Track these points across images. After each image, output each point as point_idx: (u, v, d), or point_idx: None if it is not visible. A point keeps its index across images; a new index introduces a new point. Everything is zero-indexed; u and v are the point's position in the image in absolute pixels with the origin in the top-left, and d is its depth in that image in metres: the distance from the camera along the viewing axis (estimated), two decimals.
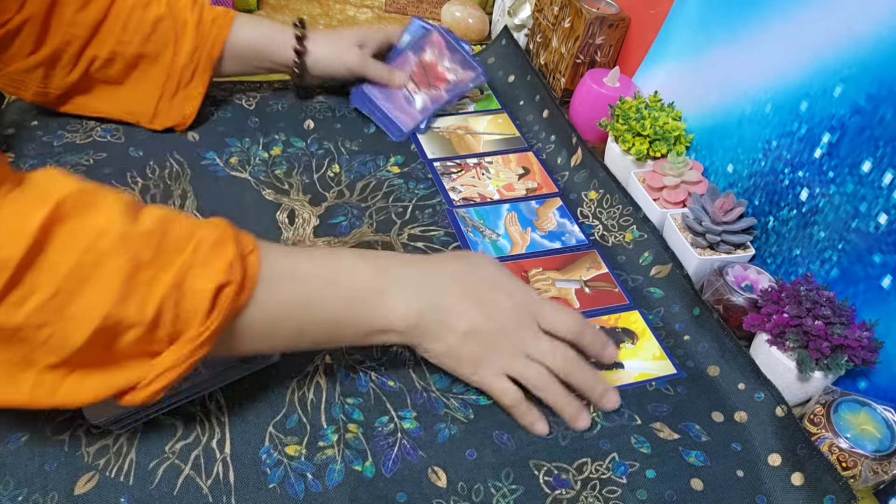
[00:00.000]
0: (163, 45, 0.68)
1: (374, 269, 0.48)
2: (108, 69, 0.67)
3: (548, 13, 0.88)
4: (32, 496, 0.45)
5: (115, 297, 0.38)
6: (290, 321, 0.45)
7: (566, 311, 0.52)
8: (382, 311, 0.47)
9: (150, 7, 0.67)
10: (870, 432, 0.50)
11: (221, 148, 0.74)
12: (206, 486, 0.47)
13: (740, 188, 0.68)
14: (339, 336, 0.48)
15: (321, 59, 0.76)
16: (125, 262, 0.38)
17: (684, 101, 0.75)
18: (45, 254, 0.36)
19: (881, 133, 0.52)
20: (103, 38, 0.65)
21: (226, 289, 0.41)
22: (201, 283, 0.40)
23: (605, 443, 0.52)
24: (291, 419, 0.51)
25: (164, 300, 0.39)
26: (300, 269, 0.46)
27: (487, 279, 0.51)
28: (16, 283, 0.36)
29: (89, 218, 0.38)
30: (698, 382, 0.57)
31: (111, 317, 0.38)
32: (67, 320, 0.37)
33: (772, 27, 0.62)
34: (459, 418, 0.52)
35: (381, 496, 0.47)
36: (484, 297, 0.50)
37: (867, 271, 0.55)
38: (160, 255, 0.39)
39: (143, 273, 0.38)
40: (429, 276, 0.50)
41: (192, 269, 0.40)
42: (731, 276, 0.61)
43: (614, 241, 0.69)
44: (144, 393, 0.41)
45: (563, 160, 0.78)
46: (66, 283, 0.37)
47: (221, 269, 0.40)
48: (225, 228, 0.43)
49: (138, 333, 0.39)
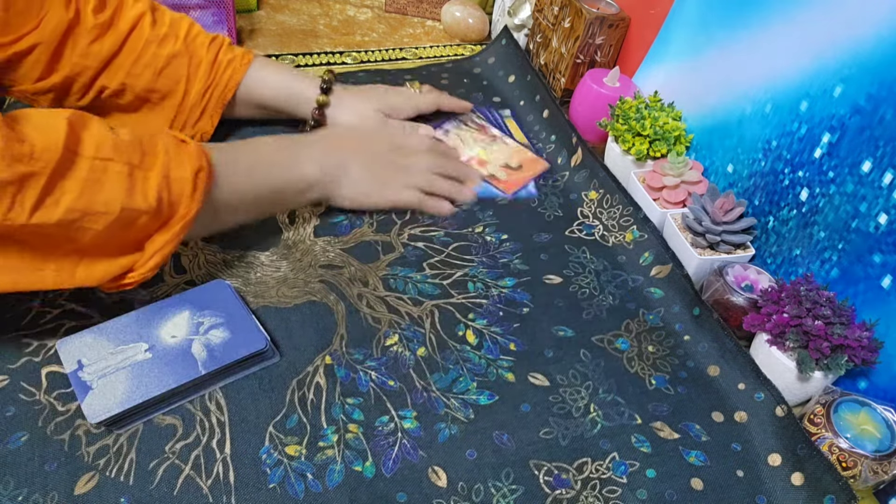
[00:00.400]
0: (174, 83, 0.67)
1: (289, 143, 0.64)
2: (119, 99, 0.67)
3: (548, 13, 0.88)
4: (32, 496, 0.45)
5: (124, 192, 0.47)
6: (246, 195, 0.58)
7: (419, 136, 0.73)
8: (298, 173, 0.62)
9: (166, 43, 0.66)
10: (870, 432, 0.50)
11: None
12: (206, 486, 0.47)
13: (740, 188, 0.68)
14: (283, 199, 0.63)
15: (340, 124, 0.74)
16: (123, 165, 0.48)
17: (684, 101, 0.75)
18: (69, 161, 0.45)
19: (881, 133, 0.52)
20: (114, 70, 0.64)
21: (200, 173, 0.52)
22: (181, 171, 0.51)
23: (606, 442, 0.52)
24: (291, 419, 0.51)
25: (160, 189, 0.49)
26: (241, 158, 0.59)
27: (360, 134, 0.71)
28: (52, 188, 0.44)
29: (88, 131, 0.47)
30: (698, 382, 0.57)
31: (126, 208, 0.47)
32: (92, 214, 0.46)
33: (772, 27, 0.62)
34: (460, 418, 0.52)
35: (382, 496, 0.47)
36: (363, 145, 0.68)
37: (867, 271, 0.55)
38: (145, 157, 0.49)
39: (137, 172, 0.49)
40: (323, 142, 0.66)
41: (171, 162, 0.51)
42: (731, 276, 0.61)
43: (614, 241, 0.69)
44: (145, 268, 0.51)
45: (563, 160, 0.78)
46: (87, 186, 0.46)
47: (191, 159, 0.52)
48: (176, 133, 0.54)
49: (147, 218, 0.49)
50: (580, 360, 0.58)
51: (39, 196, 0.44)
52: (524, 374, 0.56)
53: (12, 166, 0.42)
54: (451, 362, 0.56)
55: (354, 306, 0.59)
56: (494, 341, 0.58)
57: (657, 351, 0.60)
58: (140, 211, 0.48)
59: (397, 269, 0.63)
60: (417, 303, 0.61)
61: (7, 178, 0.42)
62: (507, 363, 0.57)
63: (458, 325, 0.59)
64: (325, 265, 0.63)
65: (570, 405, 0.54)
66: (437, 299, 0.61)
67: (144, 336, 0.52)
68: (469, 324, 0.59)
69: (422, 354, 0.57)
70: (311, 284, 0.61)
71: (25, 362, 0.52)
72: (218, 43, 0.69)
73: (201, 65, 0.67)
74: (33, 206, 0.43)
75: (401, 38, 1.00)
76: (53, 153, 0.44)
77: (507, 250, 0.67)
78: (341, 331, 0.57)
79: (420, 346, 0.57)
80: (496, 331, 0.59)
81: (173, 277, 0.59)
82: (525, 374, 0.56)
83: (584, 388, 0.56)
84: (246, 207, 0.60)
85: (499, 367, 0.56)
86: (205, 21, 0.89)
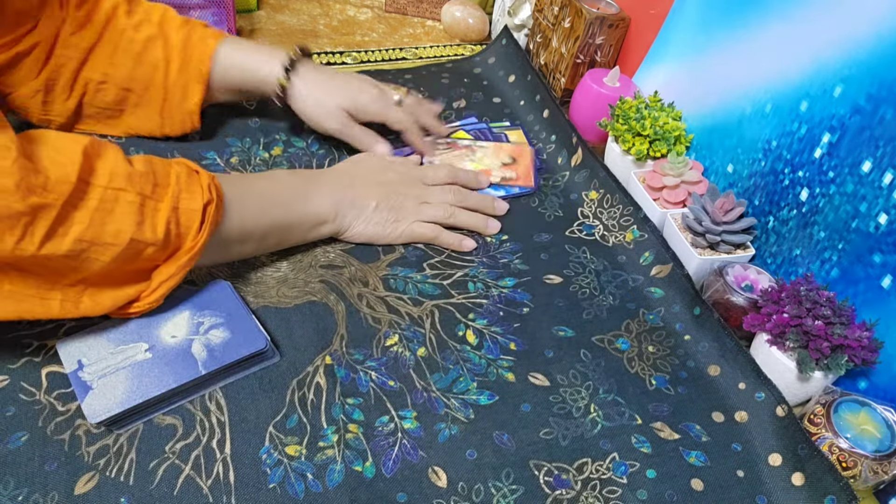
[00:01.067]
0: (153, 68, 0.66)
1: (301, 180, 0.62)
2: (104, 96, 0.66)
3: (548, 13, 0.88)
4: (32, 496, 0.45)
5: (133, 223, 0.47)
6: (255, 229, 0.57)
7: (438, 167, 0.71)
8: (312, 209, 0.61)
9: (141, 29, 0.66)
10: (870, 432, 0.50)
11: (222, 148, 0.74)
12: (206, 486, 0.47)
13: (740, 188, 0.68)
14: (293, 235, 0.61)
15: (304, 97, 0.70)
16: (135, 195, 0.48)
17: (684, 101, 0.75)
18: (82, 192, 0.45)
19: (881, 133, 0.52)
20: (95, 62, 0.64)
21: (209, 206, 0.51)
22: (191, 203, 0.50)
23: (606, 443, 0.52)
24: (291, 419, 0.51)
25: (169, 221, 0.49)
26: (252, 191, 0.58)
27: (375, 167, 0.68)
28: (63, 219, 0.44)
29: (103, 160, 0.47)
30: (699, 382, 0.57)
31: (134, 240, 0.47)
32: (100, 245, 0.46)
33: (772, 27, 0.62)
34: (460, 418, 0.52)
35: (382, 496, 0.47)
36: (378, 179, 0.66)
37: (867, 271, 0.55)
38: (157, 188, 0.49)
39: (148, 203, 0.48)
40: (336, 178, 0.65)
41: (182, 192, 0.50)
42: (731, 276, 0.61)
43: (615, 241, 0.69)
44: (150, 298, 0.51)
45: (563, 160, 0.78)
46: (96, 216, 0.46)
47: (202, 191, 0.51)
48: (189, 163, 0.53)
49: (155, 249, 0.49)
50: (580, 360, 0.58)
51: (50, 227, 0.43)
52: (524, 374, 0.56)
53: (27, 198, 0.42)
54: (452, 362, 0.56)
55: (354, 306, 0.59)
56: (494, 341, 0.58)
57: (657, 351, 0.59)
58: (147, 242, 0.48)
59: (397, 269, 0.63)
60: (417, 303, 0.61)
61: (21, 210, 0.42)
62: (508, 363, 0.57)
63: (459, 326, 0.59)
64: (325, 265, 0.63)
65: (571, 405, 0.54)
66: (437, 299, 0.61)
67: (144, 336, 0.52)
68: (469, 324, 0.59)
69: (422, 354, 0.56)
70: (312, 284, 0.61)
71: (25, 362, 0.52)
72: (191, 24, 0.69)
73: (175, 45, 0.67)
74: (43, 237, 0.43)
75: (401, 38, 1.00)
76: (67, 185, 0.44)
77: (508, 250, 0.67)
78: (341, 331, 0.57)
79: (420, 346, 0.57)
80: (496, 331, 0.59)
81: None
82: (525, 374, 0.56)
83: (585, 388, 0.56)
84: (255, 241, 0.58)
85: (499, 367, 0.56)
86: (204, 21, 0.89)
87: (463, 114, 0.84)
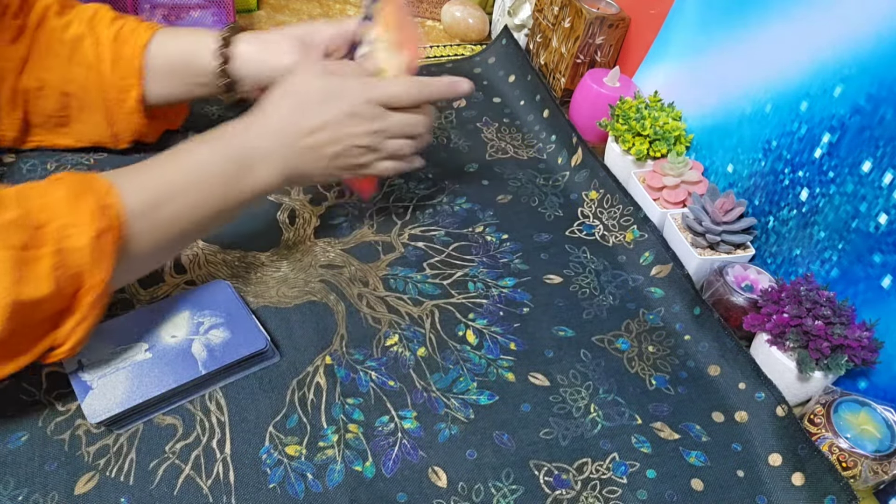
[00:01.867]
0: (86, 69, 0.63)
1: (230, 163, 0.52)
2: (44, 102, 0.64)
3: (548, 13, 0.88)
4: (32, 496, 0.45)
5: (11, 283, 0.40)
6: (174, 235, 0.49)
7: (398, 83, 0.57)
8: (249, 187, 0.52)
9: (69, 28, 0.63)
10: (870, 432, 0.50)
11: None
12: (206, 486, 0.47)
13: (740, 188, 0.68)
14: (226, 217, 0.53)
15: (250, 61, 0.63)
16: (5, 251, 0.40)
17: (684, 101, 0.75)
18: None
19: (881, 133, 0.52)
20: (30, 68, 0.62)
21: (103, 236, 0.43)
22: (76, 240, 0.42)
23: (606, 443, 0.52)
24: (291, 419, 0.51)
25: (56, 268, 0.42)
26: (163, 190, 0.48)
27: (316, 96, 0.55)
28: None
29: None
30: (699, 382, 0.57)
31: (17, 301, 0.40)
32: None
33: (772, 27, 0.62)
34: (460, 418, 0.52)
35: (382, 496, 0.47)
36: (324, 118, 0.54)
37: (867, 271, 0.55)
38: (33, 235, 0.41)
39: (25, 255, 0.41)
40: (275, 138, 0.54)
41: (65, 229, 0.42)
42: (731, 276, 0.61)
43: (615, 241, 0.69)
44: (66, 347, 0.44)
45: (563, 160, 0.78)
46: None
47: (87, 221, 0.43)
48: (73, 181, 0.45)
49: (49, 304, 0.42)
50: (580, 360, 0.58)
51: None
52: (524, 374, 0.56)
53: None
54: (452, 362, 0.56)
55: (354, 306, 0.59)
56: (494, 341, 0.58)
57: (657, 351, 0.59)
58: (35, 300, 0.41)
59: (397, 269, 0.63)
60: (417, 303, 0.61)
61: None
62: (508, 363, 0.57)
63: (459, 325, 0.59)
64: (325, 265, 0.63)
65: (571, 405, 0.54)
66: (437, 299, 0.61)
67: (144, 336, 0.52)
68: (469, 324, 0.59)
69: (422, 354, 0.57)
70: (312, 284, 0.61)
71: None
72: (124, 19, 0.65)
73: (105, 41, 0.63)
74: None
75: None
76: None
77: (508, 250, 0.67)
78: (341, 331, 0.57)
79: (420, 346, 0.57)
80: (496, 331, 0.59)
81: (173, 277, 0.59)
82: (525, 374, 0.56)
83: (585, 388, 0.56)
84: (185, 238, 0.52)
85: (499, 367, 0.56)
86: (205, 21, 0.89)
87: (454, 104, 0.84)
